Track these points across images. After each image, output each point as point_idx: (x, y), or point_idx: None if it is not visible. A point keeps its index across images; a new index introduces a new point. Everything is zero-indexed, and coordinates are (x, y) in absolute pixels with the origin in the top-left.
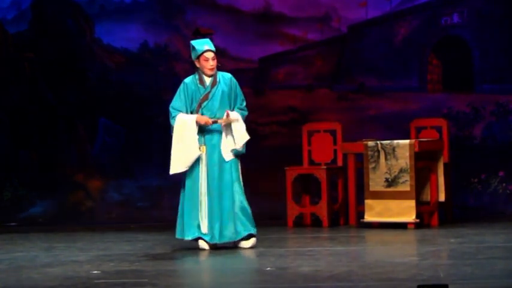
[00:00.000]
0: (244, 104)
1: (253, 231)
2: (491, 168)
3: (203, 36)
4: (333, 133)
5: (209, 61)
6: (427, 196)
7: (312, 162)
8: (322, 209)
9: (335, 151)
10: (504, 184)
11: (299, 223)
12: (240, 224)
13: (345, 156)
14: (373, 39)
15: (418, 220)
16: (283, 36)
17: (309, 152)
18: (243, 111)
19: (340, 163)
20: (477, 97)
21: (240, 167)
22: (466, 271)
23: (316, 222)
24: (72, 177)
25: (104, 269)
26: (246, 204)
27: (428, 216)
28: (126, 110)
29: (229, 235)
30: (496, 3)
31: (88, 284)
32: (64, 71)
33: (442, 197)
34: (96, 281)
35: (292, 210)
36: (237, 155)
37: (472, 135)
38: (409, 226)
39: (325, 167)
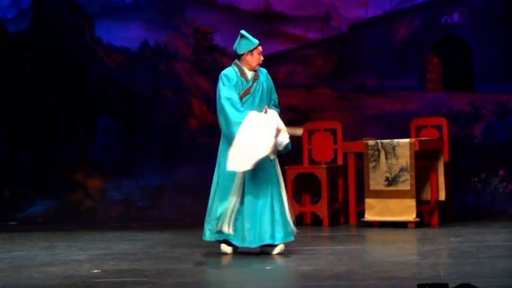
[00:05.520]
0: (277, 100)
1: (283, 239)
2: (491, 167)
3: (203, 35)
4: (333, 132)
5: (261, 55)
6: (427, 195)
7: (312, 161)
8: (322, 208)
9: (335, 150)
10: (504, 183)
11: (299, 222)
12: (273, 230)
13: (345, 155)
14: (373, 38)
15: (418, 219)
16: (283, 35)
17: (309, 151)
18: (276, 108)
19: (340, 162)
20: (477, 96)
21: (278, 166)
22: (466, 270)
23: (317, 222)
24: (72, 176)
25: (104, 268)
26: (279, 209)
27: (428, 215)
28: (126, 110)
29: (256, 238)
30: (496, 2)
31: (88, 283)
32: (64, 70)
33: (442, 196)
34: (96, 280)
35: (293, 209)
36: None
37: (472, 134)
38: (409, 225)
39: (325, 166)
